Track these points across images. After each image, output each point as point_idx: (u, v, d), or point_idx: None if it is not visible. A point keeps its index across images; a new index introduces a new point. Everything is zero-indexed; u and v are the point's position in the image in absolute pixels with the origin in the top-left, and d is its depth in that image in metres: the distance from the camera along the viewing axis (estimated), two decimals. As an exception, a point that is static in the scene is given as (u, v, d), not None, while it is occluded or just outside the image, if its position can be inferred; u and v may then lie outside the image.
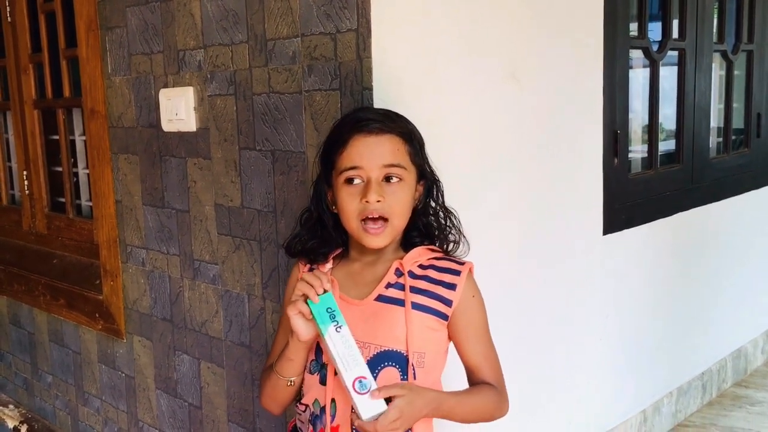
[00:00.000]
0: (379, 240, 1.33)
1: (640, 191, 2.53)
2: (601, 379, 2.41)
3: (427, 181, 1.41)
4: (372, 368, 1.29)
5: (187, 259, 2.08)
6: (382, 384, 1.26)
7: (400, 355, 1.31)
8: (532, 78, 1.99)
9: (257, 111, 1.80)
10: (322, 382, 1.34)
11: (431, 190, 1.42)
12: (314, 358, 1.37)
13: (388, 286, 1.35)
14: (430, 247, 1.41)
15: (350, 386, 1.21)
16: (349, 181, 1.32)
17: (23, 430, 2.88)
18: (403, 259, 1.37)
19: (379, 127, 1.31)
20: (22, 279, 2.84)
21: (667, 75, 2.74)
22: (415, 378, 1.32)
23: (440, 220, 1.43)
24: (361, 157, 1.31)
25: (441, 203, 1.43)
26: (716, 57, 3.02)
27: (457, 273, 1.38)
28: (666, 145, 2.82)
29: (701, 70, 2.83)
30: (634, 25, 2.53)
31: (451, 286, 1.36)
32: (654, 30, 2.65)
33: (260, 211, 1.83)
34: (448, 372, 1.43)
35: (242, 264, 1.90)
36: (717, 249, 3.01)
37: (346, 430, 1.32)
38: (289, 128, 1.73)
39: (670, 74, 2.78)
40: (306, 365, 1.38)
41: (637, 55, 2.63)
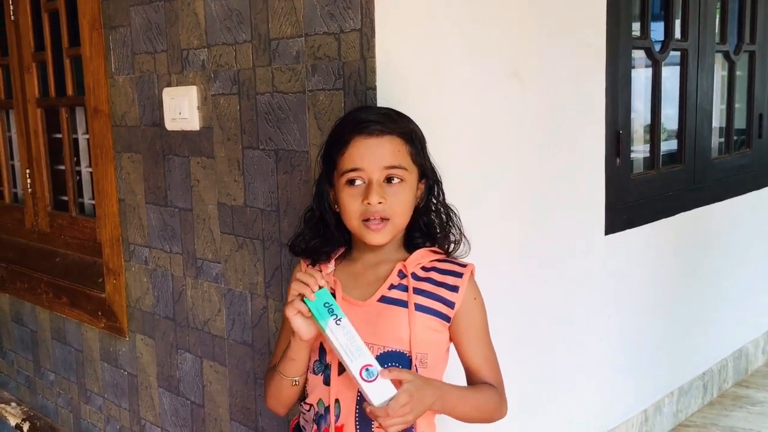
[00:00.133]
0: (380, 237, 1.33)
1: (641, 191, 2.53)
2: (602, 379, 2.41)
3: (429, 180, 1.41)
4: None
5: (190, 258, 2.09)
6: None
7: (403, 356, 1.32)
8: (535, 78, 1.99)
9: (261, 110, 1.80)
10: (326, 383, 1.34)
11: (433, 189, 1.42)
12: (318, 359, 1.37)
13: (391, 287, 1.36)
14: (432, 248, 1.42)
15: (357, 375, 1.21)
16: (351, 182, 1.33)
17: (25, 427, 2.88)
18: (406, 261, 1.38)
19: (379, 128, 1.32)
20: (25, 277, 2.84)
21: (669, 75, 2.74)
22: None
23: (442, 219, 1.43)
24: (362, 158, 1.31)
25: (442, 201, 1.43)
26: (718, 57, 3.02)
27: (459, 275, 1.39)
28: (668, 146, 2.83)
29: (703, 70, 2.83)
30: (636, 25, 2.53)
31: (454, 289, 1.37)
32: (656, 30, 2.66)
33: (263, 210, 1.84)
34: (449, 372, 1.43)
35: (245, 263, 1.91)
36: (718, 249, 3.02)
37: (351, 429, 1.32)
38: (292, 128, 1.73)
39: (673, 74, 2.78)
40: (309, 365, 1.38)
41: (640, 55, 2.64)
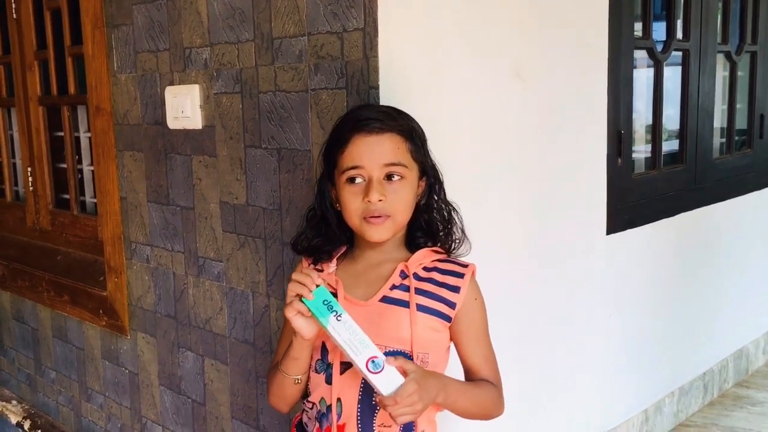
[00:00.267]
0: (381, 232, 1.34)
1: (643, 191, 2.53)
2: (603, 379, 2.41)
3: (430, 178, 1.41)
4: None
5: (192, 257, 2.09)
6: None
7: (405, 356, 1.32)
8: (537, 77, 2.00)
9: (263, 109, 1.81)
10: (328, 382, 1.35)
11: (434, 187, 1.42)
12: (320, 358, 1.38)
13: (393, 287, 1.36)
14: (433, 248, 1.42)
15: (364, 369, 1.22)
16: (351, 180, 1.33)
17: (26, 425, 2.89)
18: (408, 261, 1.38)
19: (379, 126, 1.32)
20: (26, 275, 2.85)
21: (670, 75, 2.74)
22: None
23: (443, 217, 1.43)
24: (362, 156, 1.31)
25: (443, 198, 1.44)
26: (720, 58, 3.02)
27: (461, 276, 1.39)
28: (669, 146, 2.83)
29: (705, 70, 2.83)
30: (638, 25, 2.53)
31: (455, 289, 1.38)
32: (658, 30, 2.66)
33: (265, 209, 1.84)
34: (449, 371, 1.43)
35: (247, 261, 1.91)
36: (719, 249, 3.02)
37: (353, 428, 1.33)
38: (294, 126, 1.73)
39: (674, 74, 2.78)
40: (312, 364, 1.39)
41: (641, 56, 2.64)
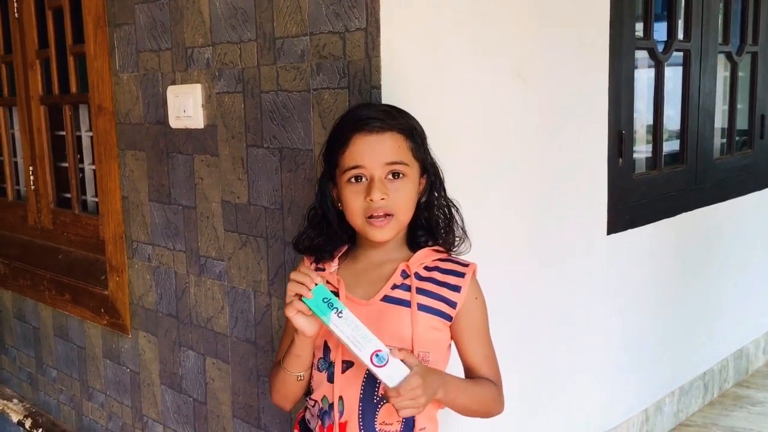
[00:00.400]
0: (384, 233, 1.34)
1: (644, 191, 2.54)
2: (603, 379, 2.42)
3: (430, 176, 1.42)
4: None
5: (194, 256, 2.09)
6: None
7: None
8: (538, 77, 2.00)
9: (265, 109, 1.81)
10: (330, 380, 1.36)
11: (434, 184, 1.43)
12: (322, 356, 1.38)
13: (394, 287, 1.37)
14: (434, 248, 1.43)
15: (369, 363, 1.22)
16: (353, 180, 1.33)
17: (27, 424, 2.89)
18: (409, 260, 1.39)
19: (379, 125, 1.32)
20: (28, 274, 2.85)
21: (671, 76, 2.75)
22: None
23: (444, 214, 1.44)
24: (363, 156, 1.32)
25: (444, 196, 1.44)
26: (721, 58, 3.02)
27: (462, 275, 1.40)
28: (670, 146, 2.83)
29: (706, 71, 2.83)
30: (639, 26, 2.54)
31: (456, 288, 1.38)
32: (659, 30, 2.66)
33: (267, 208, 1.84)
34: (449, 370, 1.44)
35: (248, 260, 1.91)
36: (720, 250, 3.02)
37: (354, 426, 1.33)
38: (296, 126, 1.74)
39: (675, 75, 2.78)
40: (314, 363, 1.39)
41: (642, 56, 2.64)
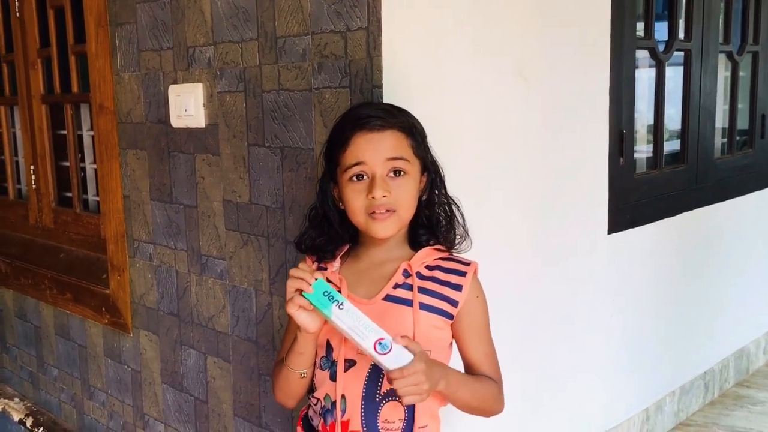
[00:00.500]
0: (387, 228, 1.34)
1: (644, 191, 2.54)
2: (604, 378, 2.42)
3: (431, 173, 1.42)
4: (380, 367, 1.31)
5: (195, 255, 2.10)
6: (388, 383, 1.29)
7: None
8: (539, 77, 2.00)
9: (266, 108, 1.81)
10: (333, 379, 1.36)
11: (435, 182, 1.43)
12: (324, 355, 1.38)
13: (396, 286, 1.37)
14: (436, 247, 1.43)
15: (372, 351, 1.22)
16: (354, 178, 1.33)
17: (29, 423, 2.89)
18: (411, 259, 1.39)
19: (380, 123, 1.33)
20: (29, 273, 2.85)
21: (672, 75, 2.75)
22: None
23: (445, 212, 1.44)
24: (365, 154, 1.32)
25: (445, 193, 1.44)
26: (722, 58, 3.02)
27: (463, 274, 1.40)
28: (671, 145, 2.83)
29: (707, 70, 2.83)
30: (640, 25, 2.54)
31: (457, 287, 1.38)
32: (660, 30, 2.66)
33: (268, 207, 1.84)
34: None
35: (250, 259, 1.91)
36: (720, 249, 3.02)
37: (356, 424, 1.34)
38: (298, 125, 1.74)
39: (676, 74, 2.78)
40: (317, 361, 1.40)
41: (643, 55, 2.64)
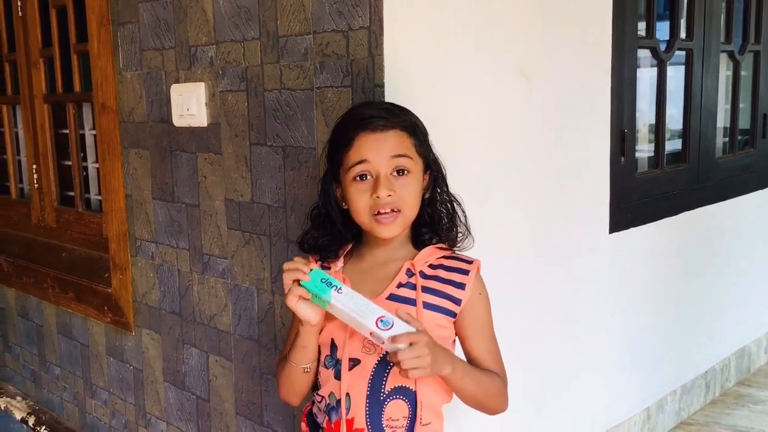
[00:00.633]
0: (392, 229, 1.35)
1: (646, 190, 2.54)
2: (606, 377, 2.42)
3: (433, 171, 1.42)
4: (384, 364, 1.33)
5: (197, 254, 2.10)
6: (392, 381, 1.33)
7: None
8: (541, 76, 2.00)
9: (268, 107, 1.81)
10: (337, 377, 1.36)
11: (437, 180, 1.43)
12: (329, 353, 1.39)
13: (400, 285, 1.38)
14: (439, 245, 1.43)
15: (375, 328, 1.22)
16: (358, 178, 1.34)
17: (31, 421, 2.90)
18: (414, 259, 1.39)
19: (383, 124, 1.33)
20: (31, 272, 2.86)
21: (674, 75, 2.75)
22: None
23: (447, 209, 1.44)
24: (369, 154, 1.32)
25: (446, 191, 1.45)
26: (723, 57, 3.02)
27: (466, 272, 1.40)
28: (672, 145, 2.83)
29: (708, 70, 2.83)
30: (642, 25, 2.54)
31: (461, 286, 1.39)
32: (662, 30, 2.66)
33: (270, 206, 1.85)
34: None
35: (252, 258, 1.92)
36: (722, 248, 3.02)
37: (361, 422, 1.34)
38: (300, 124, 1.74)
39: (677, 74, 2.78)
40: (321, 360, 1.40)
41: (645, 55, 2.64)
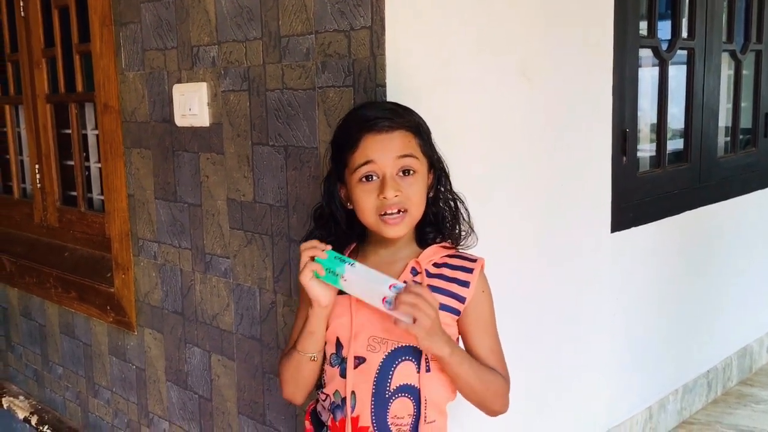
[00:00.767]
0: (398, 230, 1.35)
1: (647, 190, 2.54)
2: (608, 377, 2.42)
3: (437, 170, 1.43)
4: (390, 362, 1.34)
5: (199, 253, 2.10)
6: (397, 379, 1.34)
7: (416, 350, 1.35)
8: (543, 76, 2.00)
9: (270, 107, 1.82)
10: (342, 375, 1.37)
11: (441, 179, 1.44)
12: (334, 352, 1.39)
13: None
14: (443, 244, 1.44)
15: (388, 291, 1.25)
16: (364, 179, 1.34)
17: (33, 421, 2.90)
18: (419, 257, 1.40)
19: (388, 124, 1.33)
20: (34, 271, 2.86)
21: (675, 74, 2.75)
22: (429, 371, 1.36)
23: (451, 208, 1.45)
24: (374, 154, 1.32)
25: (450, 190, 1.45)
26: (725, 56, 3.02)
27: (470, 270, 1.41)
28: (674, 144, 2.83)
29: (710, 69, 2.83)
30: (643, 24, 2.54)
31: (465, 284, 1.39)
32: (663, 29, 2.66)
33: (272, 206, 1.85)
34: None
35: (254, 258, 1.92)
36: (723, 248, 3.02)
37: (366, 420, 1.35)
38: (302, 124, 1.75)
39: (679, 73, 2.78)
40: (327, 358, 1.40)
41: (647, 54, 2.64)
